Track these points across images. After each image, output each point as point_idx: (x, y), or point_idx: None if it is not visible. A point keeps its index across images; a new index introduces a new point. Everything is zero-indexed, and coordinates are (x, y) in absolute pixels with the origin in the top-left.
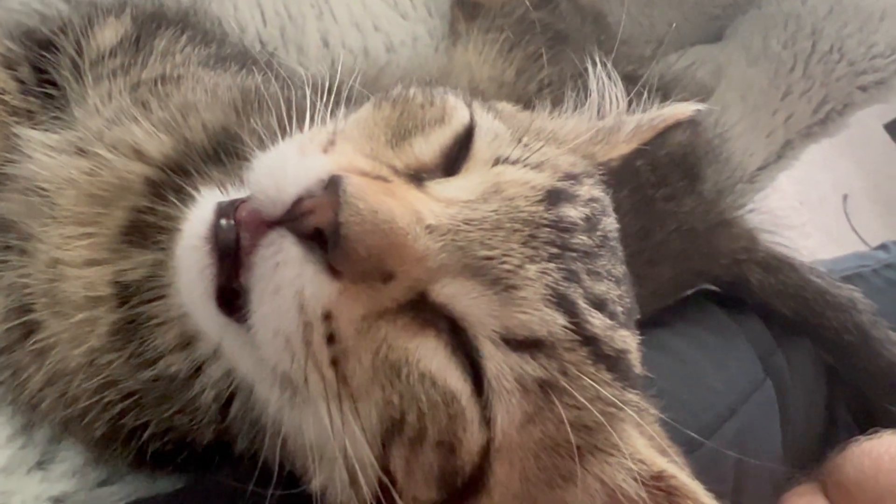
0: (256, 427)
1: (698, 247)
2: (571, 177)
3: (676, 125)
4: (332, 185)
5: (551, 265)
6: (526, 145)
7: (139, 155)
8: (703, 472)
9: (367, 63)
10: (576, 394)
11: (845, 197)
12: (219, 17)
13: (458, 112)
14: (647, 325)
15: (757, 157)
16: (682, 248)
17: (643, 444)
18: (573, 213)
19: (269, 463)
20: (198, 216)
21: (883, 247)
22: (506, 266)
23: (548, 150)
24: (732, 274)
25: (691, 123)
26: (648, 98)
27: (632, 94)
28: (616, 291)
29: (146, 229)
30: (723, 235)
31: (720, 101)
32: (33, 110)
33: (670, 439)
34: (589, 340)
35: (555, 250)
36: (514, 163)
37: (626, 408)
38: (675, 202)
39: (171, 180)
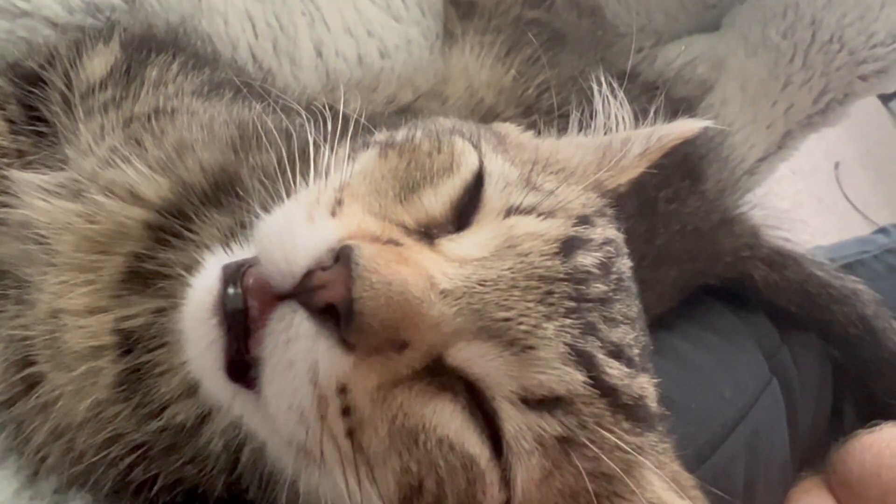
0: (269, 477)
1: (702, 246)
2: (584, 220)
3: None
4: (344, 257)
5: (568, 321)
6: (537, 188)
7: (136, 199)
8: (715, 483)
9: (362, 71)
10: (594, 447)
11: (837, 164)
12: (209, 34)
13: (467, 158)
14: (652, 327)
15: (757, 148)
16: (686, 248)
17: (662, 489)
18: (588, 260)
19: None
20: (203, 284)
21: (883, 230)
22: (523, 327)
23: (559, 191)
24: (736, 271)
25: None
26: (648, 100)
27: (636, 104)
28: (632, 334)
29: (147, 275)
30: (726, 233)
31: (721, 94)
32: (24, 150)
33: (681, 456)
34: (607, 392)
35: (571, 304)
36: (527, 212)
37: (644, 454)
38: (678, 203)
39: (171, 225)
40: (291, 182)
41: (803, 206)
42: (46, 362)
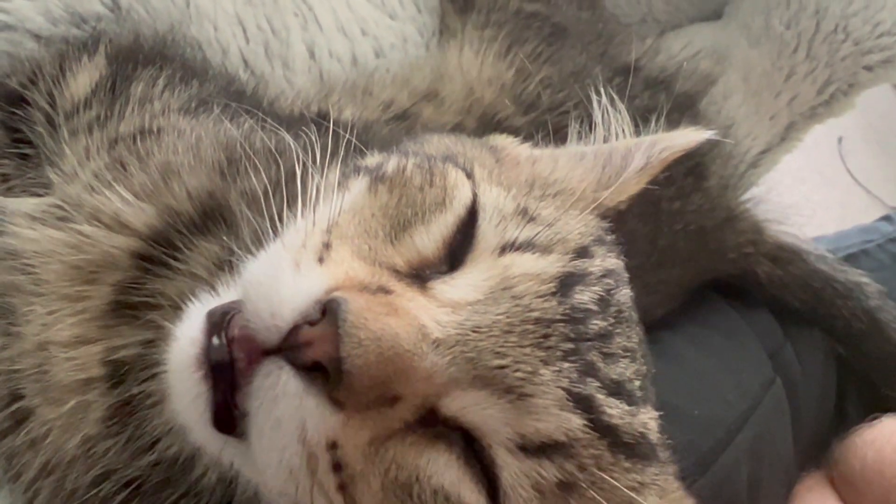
0: None
1: (706, 244)
2: (582, 251)
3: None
4: (331, 312)
5: (566, 364)
6: (533, 219)
7: (122, 227)
8: (718, 490)
9: (357, 72)
10: (593, 489)
11: (840, 139)
12: (199, 40)
13: (460, 191)
14: (656, 327)
15: (760, 140)
16: (689, 247)
17: None
18: (586, 296)
19: None
20: (187, 335)
21: (887, 218)
22: (519, 374)
23: (556, 220)
24: (740, 268)
25: (694, 116)
26: (651, 96)
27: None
28: (633, 367)
29: (135, 306)
30: (730, 230)
31: (723, 87)
32: (8, 174)
33: (683, 466)
34: (607, 432)
35: (569, 346)
36: (523, 248)
37: (645, 489)
38: (682, 201)
39: (158, 254)
40: (278, 214)
41: (805, 181)
42: (35, 396)
